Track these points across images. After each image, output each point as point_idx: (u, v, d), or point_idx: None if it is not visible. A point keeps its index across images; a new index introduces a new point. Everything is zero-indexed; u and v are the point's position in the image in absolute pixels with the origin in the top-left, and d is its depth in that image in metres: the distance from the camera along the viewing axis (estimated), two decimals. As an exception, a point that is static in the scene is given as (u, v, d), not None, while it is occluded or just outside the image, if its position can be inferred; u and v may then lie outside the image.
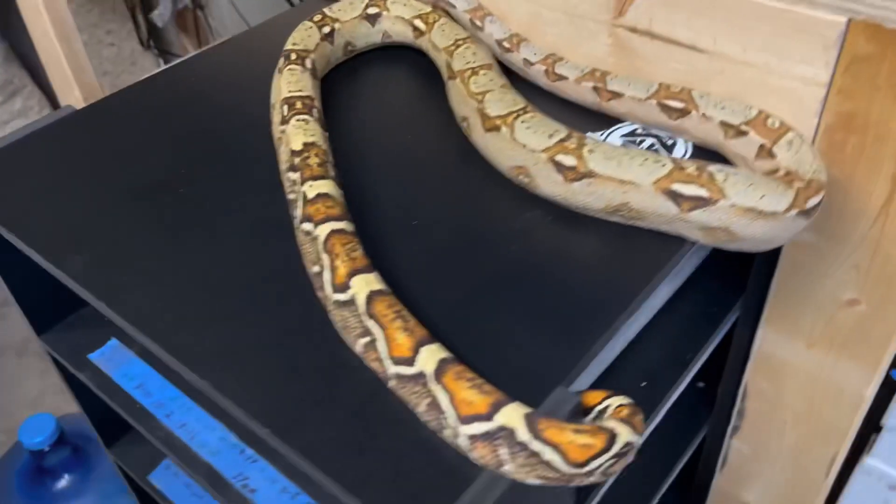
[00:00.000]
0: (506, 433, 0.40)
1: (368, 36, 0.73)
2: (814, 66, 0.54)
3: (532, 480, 0.41)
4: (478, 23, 0.69)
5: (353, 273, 0.47)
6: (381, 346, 0.45)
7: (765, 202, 0.50)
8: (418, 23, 0.70)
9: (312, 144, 0.56)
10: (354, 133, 0.64)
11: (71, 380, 0.75)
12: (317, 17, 0.70)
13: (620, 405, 0.44)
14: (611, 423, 0.42)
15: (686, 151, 0.60)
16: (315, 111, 0.61)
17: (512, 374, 0.45)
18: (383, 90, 0.71)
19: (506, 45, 0.68)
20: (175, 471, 0.83)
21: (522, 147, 0.55)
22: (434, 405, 0.42)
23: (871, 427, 0.74)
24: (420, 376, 0.43)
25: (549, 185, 0.55)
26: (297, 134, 0.57)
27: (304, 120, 0.59)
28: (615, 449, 0.41)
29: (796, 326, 0.68)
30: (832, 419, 0.71)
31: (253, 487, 0.62)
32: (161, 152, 0.64)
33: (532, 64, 0.67)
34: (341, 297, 0.47)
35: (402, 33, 0.72)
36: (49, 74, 1.36)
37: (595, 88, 0.64)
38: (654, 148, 0.60)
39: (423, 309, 0.47)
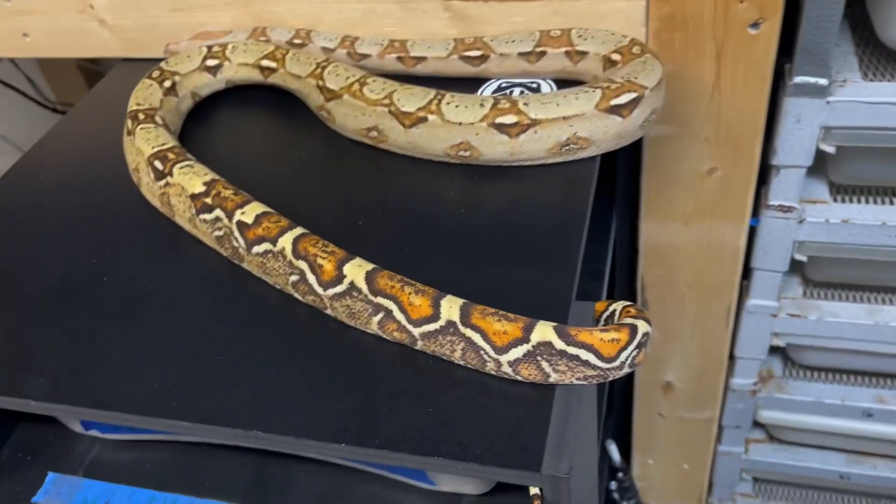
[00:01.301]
0: (544, 347, 0.45)
1: (211, 85, 0.72)
2: (632, -17, 0.63)
3: (577, 382, 0.46)
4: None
5: (340, 264, 0.49)
6: (399, 315, 0.47)
7: (657, 73, 0.60)
8: (266, 62, 0.70)
9: (213, 181, 0.56)
10: (246, 170, 0.64)
11: (13, 538, 0.67)
12: (155, 73, 0.69)
13: (625, 307, 0.51)
14: (627, 320, 0.48)
15: (552, 88, 0.67)
16: (190, 156, 0.60)
17: (526, 308, 0.48)
18: (250, 128, 0.71)
19: (297, 41, 0.72)
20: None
21: (458, 125, 0.58)
22: (470, 346, 0.46)
23: (743, 275, 0.87)
24: (449, 326, 0.46)
25: (495, 147, 0.59)
26: (189, 179, 0.57)
27: (188, 165, 0.58)
28: (637, 339, 0.47)
29: (672, 209, 0.78)
30: (720, 276, 0.83)
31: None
32: (51, 253, 0.59)
33: (332, 50, 0.71)
34: (338, 289, 0.49)
35: (248, 77, 0.72)
36: None
37: (399, 58, 0.70)
38: (524, 94, 0.67)
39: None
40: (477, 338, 0.46)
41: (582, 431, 0.45)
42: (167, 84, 0.68)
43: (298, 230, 0.52)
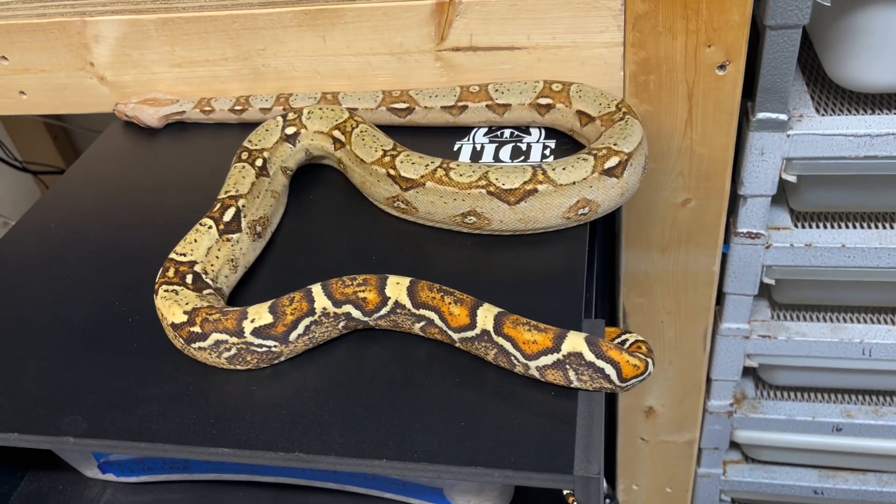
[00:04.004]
0: (574, 357, 0.49)
1: (294, 155, 0.69)
2: (610, 32, 0.69)
3: (591, 389, 0.50)
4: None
5: (381, 289, 0.52)
6: (440, 322, 0.52)
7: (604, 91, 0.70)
8: (337, 133, 0.68)
9: (196, 309, 0.53)
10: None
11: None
12: (244, 155, 0.66)
13: (637, 341, 0.55)
14: (641, 356, 0.52)
15: (540, 133, 0.72)
16: (189, 277, 0.57)
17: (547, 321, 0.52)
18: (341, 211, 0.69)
19: (237, 108, 0.77)
20: None
21: (573, 185, 0.59)
22: (502, 352, 0.50)
23: (716, 300, 0.93)
24: (484, 334, 0.50)
25: (609, 192, 0.60)
26: (170, 306, 0.54)
27: (173, 291, 0.55)
28: (644, 374, 0.51)
29: (649, 239, 0.83)
30: (696, 301, 0.88)
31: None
32: (72, 299, 0.61)
33: (269, 109, 0.76)
34: (384, 311, 0.53)
35: (322, 147, 0.69)
36: None
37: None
38: (514, 135, 0.72)
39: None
40: (508, 346, 0.50)
41: (602, 436, 0.48)
42: (258, 163, 0.65)
43: (317, 287, 0.53)
